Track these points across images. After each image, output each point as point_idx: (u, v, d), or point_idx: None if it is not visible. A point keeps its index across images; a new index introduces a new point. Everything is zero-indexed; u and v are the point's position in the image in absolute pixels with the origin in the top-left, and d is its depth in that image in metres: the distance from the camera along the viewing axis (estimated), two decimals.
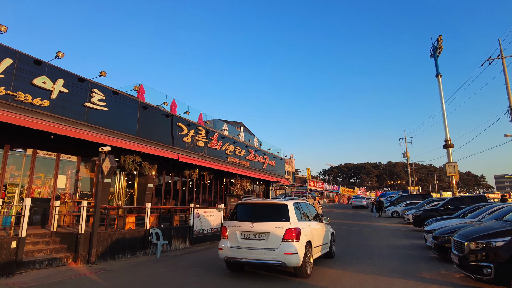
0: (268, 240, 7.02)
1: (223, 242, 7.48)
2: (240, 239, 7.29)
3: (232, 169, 19.02)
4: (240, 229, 7.36)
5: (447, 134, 29.75)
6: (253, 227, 7.21)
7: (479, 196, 17.88)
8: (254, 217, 7.37)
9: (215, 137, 18.62)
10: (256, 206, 7.95)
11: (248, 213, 7.69)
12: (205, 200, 20.12)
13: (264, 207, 7.87)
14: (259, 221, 7.24)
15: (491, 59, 28.12)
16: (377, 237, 15.61)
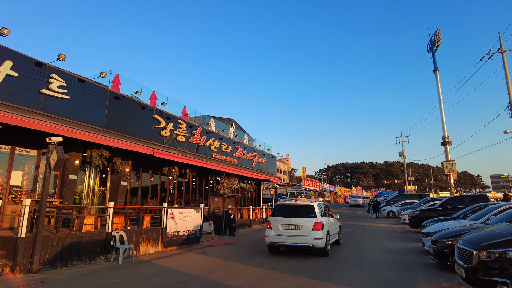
0: (302, 230, 9.88)
1: (268, 231, 10.26)
2: (281, 229, 10.11)
3: (217, 166, 17.73)
4: (281, 222, 10.17)
5: (445, 131, 28.64)
6: (291, 221, 10.08)
7: (479, 195, 16.73)
8: (291, 214, 10.29)
9: (197, 131, 17.31)
10: (291, 206, 10.89)
11: (285, 211, 10.54)
12: (189, 200, 18.84)
13: (297, 207, 10.76)
14: (295, 217, 10.14)
15: (490, 53, 27.05)
16: (370, 240, 14.41)
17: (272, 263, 9.12)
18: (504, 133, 25.03)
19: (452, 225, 10.11)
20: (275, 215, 10.51)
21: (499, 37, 26.64)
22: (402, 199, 32.51)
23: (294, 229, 9.97)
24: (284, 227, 10.11)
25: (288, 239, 9.96)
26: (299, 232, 9.89)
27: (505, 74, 25.68)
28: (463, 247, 5.56)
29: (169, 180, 17.15)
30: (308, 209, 10.35)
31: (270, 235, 10.16)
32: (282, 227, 10.13)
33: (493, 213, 9.59)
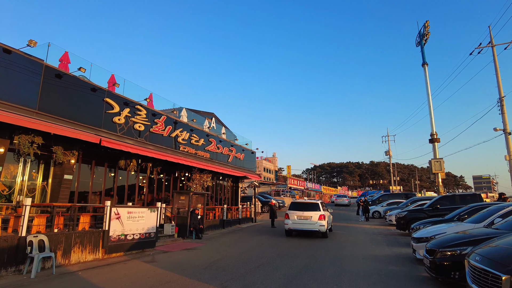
0: (311, 219, 14.07)
1: (287, 221, 14.47)
2: (297, 219, 14.29)
3: (184, 161, 15.71)
4: (296, 214, 14.33)
5: (433, 127, 27.35)
6: (303, 214, 14.25)
7: (472, 194, 15.24)
8: (303, 208, 14.48)
9: (161, 120, 15.25)
10: (303, 203, 15.17)
11: (299, 206, 14.72)
12: (155, 198, 16.76)
13: (307, 204, 14.99)
14: (306, 211, 14.33)
15: (480, 47, 25.81)
16: (353, 244, 12.69)
17: (225, 279, 7.22)
18: (494, 130, 23.83)
19: (448, 229, 8.44)
20: (291, 209, 14.77)
21: (490, 31, 25.45)
22: (388, 198, 31.16)
23: (306, 219, 14.27)
24: (299, 218, 14.39)
25: (302, 226, 14.32)
26: (309, 221, 14.19)
27: (495, 69, 24.53)
28: (482, 266, 3.79)
29: (131, 175, 15.07)
30: (315, 206, 14.67)
31: (289, 223, 14.54)
32: (297, 217, 14.41)
33: (498, 215, 7.93)
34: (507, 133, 23.12)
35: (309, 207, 14.61)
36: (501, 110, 23.83)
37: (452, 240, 6.33)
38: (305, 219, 14.29)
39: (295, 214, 14.46)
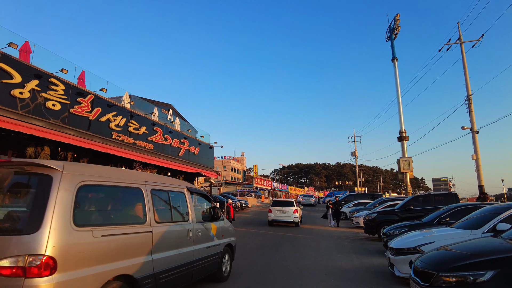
0: (287, 213, 18.07)
1: (270, 214, 18.36)
2: (277, 213, 18.24)
3: (115, 151, 12.88)
4: (277, 209, 18.32)
5: (402, 124, 26.23)
6: (282, 209, 18.28)
7: (448, 194, 13.74)
8: (282, 205, 18.62)
9: (87, 100, 12.33)
10: (282, 201, 19.51)
11: (279, 203, 18.95)
12: None
13: (285, 201, 19.35)
14: (284, 206, 18.42)
15: (449, 43, 24.97)
16: (315, 251, 10.55)
17: None
18: (462, 128, 23.01)
19: (437, 237, 6.42)
20: (273, 206, 18.73)
21: (458, 27, 24.70)
22: (354, 199, 29.79)
23: (284, 213, 18.10)
24: (279, 212, 18.17)
25: (280, 218, 18.16)
26: (286, 214, 18.05)
27: (464, 66, 23.79)
28: None
29: None
30: (291, 203, 18.78)
31: (271, 216, 18.26)
32: (278, 211, 18.19)
33: (500, 218, 6.01)
34: (474, 131, 22.30)
35: (287, 204, 18.83)
36: (469, 108, 23.05)
37: (457, 258, 4.22)
38: (283, 212, 18.23)
39: (276, 209, 18.45)
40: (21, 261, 2.85)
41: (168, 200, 5.03)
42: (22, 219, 3.27)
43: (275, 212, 18.20)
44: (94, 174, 3.84)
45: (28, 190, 3.46)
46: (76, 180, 3.48)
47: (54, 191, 3.21)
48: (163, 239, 4.54)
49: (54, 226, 3.06)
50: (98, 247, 3.48)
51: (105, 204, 4.08)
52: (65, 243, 3.13)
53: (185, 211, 5.42)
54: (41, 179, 3.33)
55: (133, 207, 4.38)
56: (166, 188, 5.10)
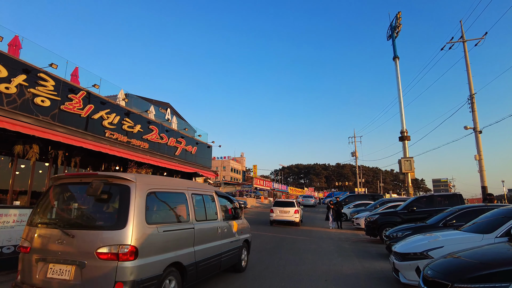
0: (289, 213, 18.87)
1: (272, 214, 19.31)
2: (279, 213, 19.09)
3: (108, 149, 12.39)
4: (278, 209, 19.17)
5: (403, 124, 25.79)
6: (284, 209, 19.11)
7: (453, 195, 13.25)
8: (283, 205, 19.41)
9: (78, 96, 11.86)
10: (284, 201, 20.07)
11: (280, 203, 19.72)
12: None
13: (286, 201, 19.98)
14: (285, 207, 19.21)
15: (452, 41, 24.55)
16: (315, 254, 10.10)
17: None
18: (464, 128, 22.57)
19: (446, 241, 5.97)
20: (275, 206, 19.58)
21: (461, 25, 24.29)
22: (355, 200, 29.35)
23: (285, 213, 18.95)
24: (280, 212, 19.04)
25: (282, 218, 18.95)
26: (287, 214, 18.89)
27: (466, 65, 23.35)
28: None
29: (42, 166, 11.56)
30: (292, 203, 19.55)
31: (273, 216, 19.19)
32: (279, 211, 19.06)
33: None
34: (477, 131, 21.88)
35: (288, 204, 19.55)
36: (472, 107, 22.63)
37: (474, 267, 3.77)
38: (284, 212, 19.06)
39: (278, 209, 19.27)
40: (115, 249, 3.89)
41: (202, 202, 6.06)
42: (112, 218, 4.21)
43: (276, 212, 19.08)
44: (156, 183, 4.91)
45: (114, 197, 4.31)
46: (145, 188, 4.49)
47: (133, 197, 4.21)
48: (201, 234, 5.55)
49: (135, 223, 4.08)
50: (161, 240, 4.48)
51: (163, 206, 5.00)
52: (142, 236, 4.12)
53: (215, 211, 6.44)
54: (122, 188, 4.29)
55: (181, 208, 5.34)
56: (201, 192, 6.15)
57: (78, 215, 4.60)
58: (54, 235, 4.20)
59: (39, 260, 4.16)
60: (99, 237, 4.00)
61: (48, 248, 4.20)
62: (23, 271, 4.29)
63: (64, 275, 3.99)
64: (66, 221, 4.43)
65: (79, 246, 4.04)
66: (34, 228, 4.46)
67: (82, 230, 4.16)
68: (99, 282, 3.88)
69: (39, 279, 4.09)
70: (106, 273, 3.87)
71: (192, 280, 5.18)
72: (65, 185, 4.82)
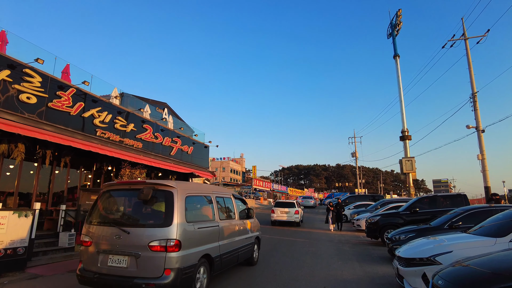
0: (289, 213, 19.33)
1: (273, 214, 19.71)
2: (280, 213, 19.43)
3: (100, 149, 11.96)
4: (279, 210, 19.53)
5: (404, 123, 25.33)
6: (284, 209, 19.46)
7: (456, 195, 12.71)
8: (284, 206, 19.87)
9: (67, 94, 11.42)
10: (284, 202, 20.51)
11: (281, 204, 20.10)
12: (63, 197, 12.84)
13: (287, 202, 20.42)
14: (286, 207, 19.58)
15: (453, 39, 24.08)
16: (313, 258, 9.63)
17: None
18: (466, 127, 22.12)
19: (454, 245, 5.48)
20: (276, 206, 20.02)
21: (463, 23, 23.85)
22: (355, 200, 28.88)
23: (286, 213, 19.36)
24: (281, 212, 19.46)
25: (282, 218, 19.37)
26: (288, 214, 19.33)
27: (468, 63, 22.91)
28: None
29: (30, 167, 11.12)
30: (292, 204, 20.00)
31: (274, 216, 19.62)
32: (280, 211, 19.48)
33: None
34: (480, 130, 21.42)
35: (288, 205, 20.01)
36: (474, 106, 22.17)
37: (494, 277, 3.31)
38: (285, 213, 19.52)
39: (279, 210, 19.70)
40: (163, 242, 4.72)
41: (224, 203, 7.03)
42: (160, 218, 5.06)
43: (277, 212, 19.60)
44: (190, 188, 5.86)
45: (160, 200, 5.18)
46: (184, 193, 5.39)
47: (176, 200, 5.07)
48: (224, 231, 6.47)
49: (178, 222, 4.94)
50: (196, 235, 5.36)
51: (196, 207, 5.92)
52: (183, 232, 4.98)
53: (233, 211, 7.42)
54: (167, 193, 5.16)
55: (208, 209, 6.27)
56: (222, 195, 7.09)
57: (131, 215, 5.49)
58: (112, 232, 5.05)
59: (100, 252, 5.05)
60: (151, 233, 4.86)
61: (107, 242, 5.03)
62: (86, 260, 5.19)
63: (121, 264, 4.87)
64: (121, 220, 5.37)
65: (134, 240, 4.87)
66: (93, 226, 5.36)
67: (136, 228, 5.03)
68: (151, 269, 4.72)
69: (101, 267, 4.98)
70: (157, 262, 4.71)
71: (217, 270, 6.11)
72: (117, 191, 5.81)
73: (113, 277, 4.83)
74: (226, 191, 7.57)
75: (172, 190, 5.19)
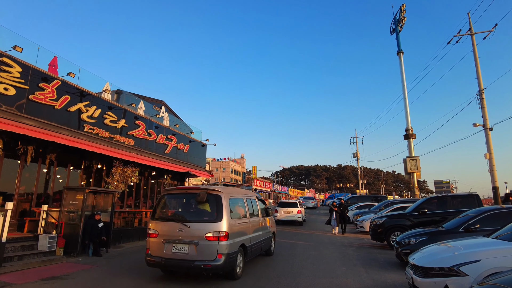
0: (292, 213, 20.03)
1: (276, 214, 19.68)
2: (283, 213, 20.15)
3: (87, 145, 11.19)
4: (282, 210, 20.24)
5: (408, 122, 24.52)
6: (287, 209, 20.14)
7: (468, 195, 11.85)
8: (287, 206, 20.58)
9: (51, 86, 10.66)
10: (287, 202, 21.28)
11: (284, 204, 20.91)
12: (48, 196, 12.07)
13: (290, 202, 21.15)
14: (289, 207, 20.36)
15: (459, 34, 23.29)
16: (315, 264, 8.83)
17: None
18: (473, 125, 21.32)
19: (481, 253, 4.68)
20: (279, 206, 20.87)
21: (469, 18, 23.08)
22: (357, 201, 28.09)
23: (289, 213, 20.16)
24: (284, 212, 20.24)
25: (286, 218, 20.10)
26: (291, 214, 20.10)
27: (475, 59, 22.16)
28: None
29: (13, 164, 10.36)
30: (295, 204, 20.85)
31: (277, 215, 19.89)
32: (283, 211, 20.27)
33: None
34: (487, 128, 20.62)
35: (291, 205, 20.77)
36: (481, 103, 21.38)
37: None
38: (288, 213, 20.23)
39: (282, 209, 20.47)
40: (216, 234, 6.21)
41: (251, 204, 8.46)
42: (213, 215, 6.52)
43: (280, 212, 20.36)
44: (231, 192, 7.44)
45: (212, 202, 6.68)
46: (228, 196, 6.93)
47: (223, 201, 6.59)
48: (252, 226, 7.94)
49: (226, 218, 6.44)
50: (237, 229, 6.89)
51: (235, 207, 7.31)
52: (229, 226, 6.49)
53: (257, 210, 8.84)
54: (217, 196, 6.68)
55: (242, 208, 7.71)
56: (250, 197, 8.61)
57: (190, 213, 6.94)
58: (175, 226, 6.44)
59: (166, 242, 6.39)
60: (206, 227, 6.30)
61: (171, 234, 6.41)
62: (152, 248, 6.52)
63: (183, 250, 6.24)
64: (182, 217, 6.72)
65: (193, 232, 6.28)
66: (158, 222, 6.74)
67: (195, 223, 6.44)
68: (208, 254, 6.11)
69: (166, 253, 6.34)
70: (212, 248, 6.11)
71: (249, 257, 7.56)
72: (175, 194, 7.34)
73: (177, 260, 6.27)
74: (252, 194, 9.15)
75: (220, 194, 6.70)
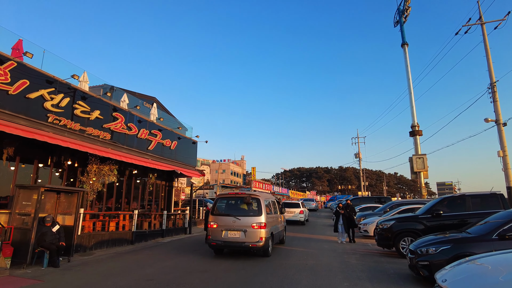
0: (294, 213, 21.70)
1: None
2: (286, 213, 18.42)
3: (50, 137, 9.69)
4: (288, 211, 21.30)
5: (414, 118, 22.95)
6: (290, 209, 21.59)
7: (490, 195, 10.20)
8: (290, 206, 22.13)
9: (4, 68, 9.19)
10: (290, 203, 23.24)
11: (287, 205, 22.35)
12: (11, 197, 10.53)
13: (293, 203, 23.04)
14: (292, 208, 21.91)
15: (469, 24, 21.79)
16: (311, 277, 7.28)
17: None
18: (485, 121, 19.74)
19: None
20: (283, 207, 18.07)
21: (479, 6, 21.59)
22: (360, 203, 26.49)
23: (292, 213, 21.48)
24: (287, 212, 20.52)
25: (289, 218, 20.75)
26: (294, 215, 21.54)
27: (486, 50, 20.62)
28: None
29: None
30: (298, 204, 22.46)
31: None
32: (286, 212, 19.58)
33: None
34: (500, 124, 19.07)
35: (294, 206, 22.19)
36: (493, 97, 19.84)
37: None
38: (291, 213, 21.25)
39: (287, 210, 21.03)
40: (259, 224, 9.41)
41: (275, 204, 11.93)
42: (255, 212, 9.75)
43: None
44: (265, 196, 10.96)
45: (254, 202, 9.98)
46: (264, 198, 10.26)
47: (262, 202, 9.86)
48: (275, 220, 11.17)
49: (264, 214, 9.65)
50: (270, 221, 10.04)
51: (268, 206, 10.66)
52: (266, 219, 9.65)
53: (277, 208, 12.06)
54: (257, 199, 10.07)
55: (270, 207, 11.04)
56: (273, 199, 11.90)
57: (239, 210, 9.95)
58: (230, 219, 9.59)
59: (223, 229, 9.51)
60: (252, 219, 9.47)
61: (227, 224, 9.49)
62: (214, 234, 9.59)
63: (236, 235, 9.39)
64: (235, 212, 9.79)
65: (243, 223, 9.43)
66: (216, 216, 9.82)
67: (244, 217, 9.57)
68: (253, 237, 9.25)
69: (224, 237, 9.47)
70: (256, 234, 9.24)
71: (274, 243, 10.60)
72: (227, 196, 10.66)
73: (232, 242, 9.34)
74: (272, 196, 12.22)
75: (259, 197, 9.94)
